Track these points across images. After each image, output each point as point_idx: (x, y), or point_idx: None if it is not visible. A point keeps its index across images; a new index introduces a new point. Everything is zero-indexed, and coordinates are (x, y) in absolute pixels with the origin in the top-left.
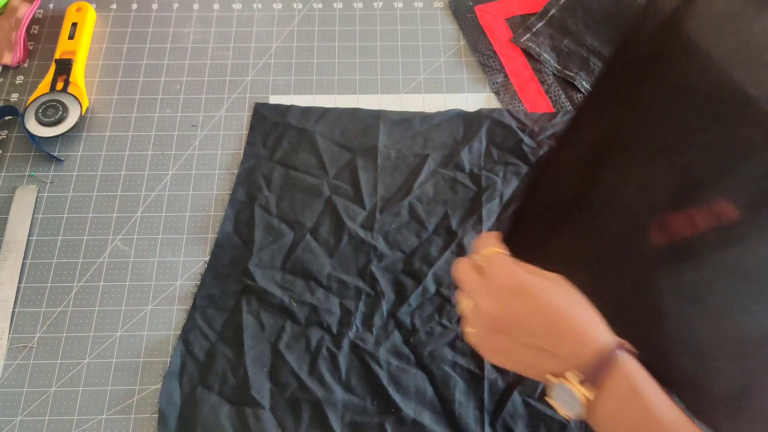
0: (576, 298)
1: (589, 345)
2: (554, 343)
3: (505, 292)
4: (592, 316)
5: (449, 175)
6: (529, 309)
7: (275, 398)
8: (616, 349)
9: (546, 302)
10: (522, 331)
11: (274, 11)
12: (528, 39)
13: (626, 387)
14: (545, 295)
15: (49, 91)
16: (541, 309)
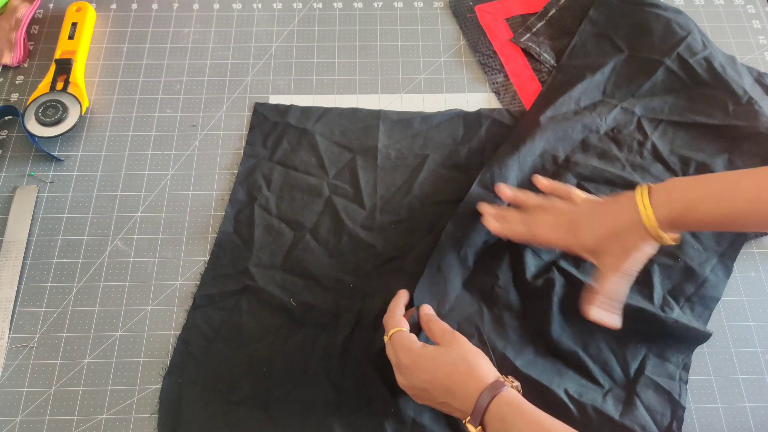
0: (461, 355)
1: (473, 397)
2: (451, 399)
3: (408, 369)
4: (477, 367)
5: (449, 175)
6: (428, 378)
7: (275, 398)
8: (490, 395)
9: (438, 371)
10: (429, 395)
11: (274, 11)
12: (528, 39)
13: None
14: (436, 365)
15: (49, 91)
16: (435, 378)
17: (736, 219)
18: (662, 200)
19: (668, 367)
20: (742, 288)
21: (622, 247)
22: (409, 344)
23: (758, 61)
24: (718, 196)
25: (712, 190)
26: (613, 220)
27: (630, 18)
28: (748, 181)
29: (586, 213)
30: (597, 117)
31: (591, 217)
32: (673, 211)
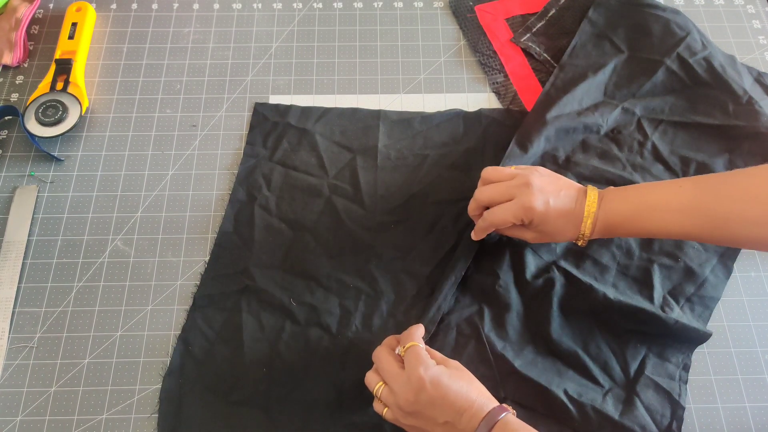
0: (469, 380)
1: (480, 415)
2: (457, 419)
3: (420, 383)
4: (481, 392)
5: (449, 175)
6: (439, 395)
7: (275, 398)
8: (497, 413)
9: (450, 389)
10: (432, 412)
11: (274, 11)
12: (528, 39)
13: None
14: (449, 383)
15: (49, 91)
16: (448, 394)
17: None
18: (601, 216)
19: (668, 367)
20: (742, 288)
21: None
22: (425, 359)
23: (758, 61)
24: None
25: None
26: (565, 209)
27: (629, 19)
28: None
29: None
30: (599, 117)
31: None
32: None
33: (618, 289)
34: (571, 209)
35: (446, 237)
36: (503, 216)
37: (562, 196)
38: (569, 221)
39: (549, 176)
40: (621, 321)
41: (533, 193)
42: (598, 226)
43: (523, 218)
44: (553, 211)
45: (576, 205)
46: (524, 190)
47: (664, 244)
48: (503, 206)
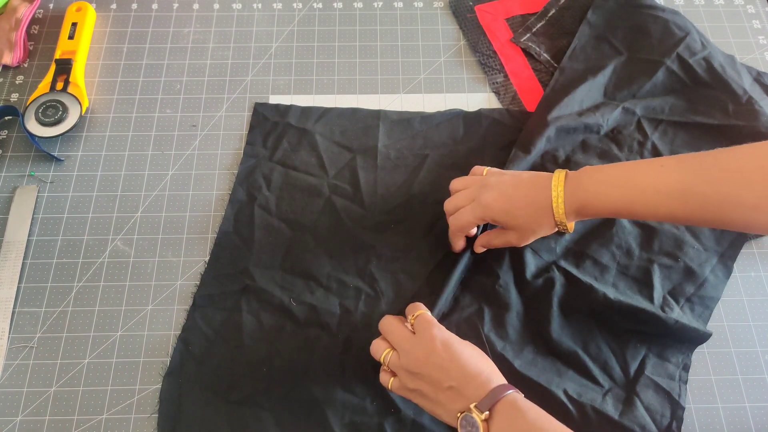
0: (481, 353)
1: (487, 386)
2: (464, 385)
3: (431, 344)
4: (491, 366)
5: (449, 175)
6: (448, 357)
7: (275, 398)
8: (506, 389)
9: (461, 353)
10: (440, 375)
11: (274, 11)
12: (528, 39)
13: (511, 408)
14: (461, 348)
15: (49, 91)
16: (458, 358)
17: (632, 208)
18: (572, 189)
19: (668, 367)
20: (742, 288)
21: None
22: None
23: (758, 61)
24: (617, 185)
25: (612, 179)
26: (528, 199)
27: (627, 20)
28: (644, 169)
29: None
30: (600, 117)
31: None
32: (579, 201)
33: (618, 289)
34: (535, 196)
35: (446, 237)
36: (465, 218)
37: (524, 186)
38: (538, 210)
39: (511, 174)
40: (621, 321)
41: (489, 191)
42: (574, 207)
43: (482, 216)
44: (516, 203)
45: (540, 191)
46: (482, 191)
47: (664, 244)
48: (464, 209)
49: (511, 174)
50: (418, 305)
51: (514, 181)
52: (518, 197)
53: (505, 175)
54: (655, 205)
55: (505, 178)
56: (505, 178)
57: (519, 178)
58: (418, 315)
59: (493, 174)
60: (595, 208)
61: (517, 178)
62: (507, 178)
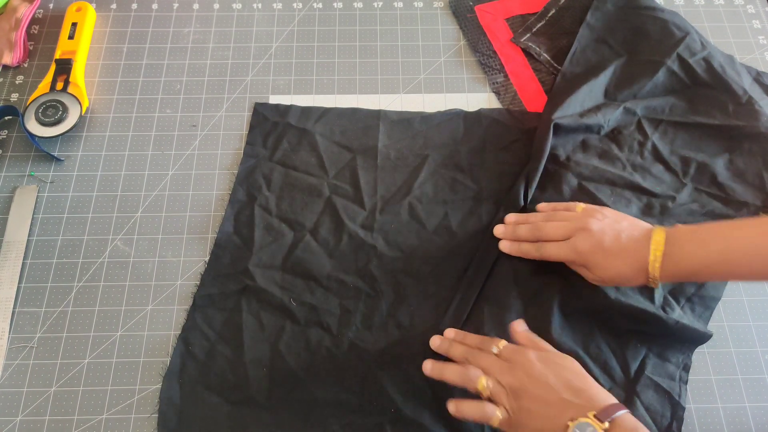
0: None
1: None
2: (576, 394)
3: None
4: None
5: (449, 175)
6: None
7: (275, 398)
8: (620, 407)
9: (564, 368)
10: (547, 391)
11: (274, 11)
12: (528, 39)
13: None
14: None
15: (49, 91)
16: (562, 373)
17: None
18: (670, 250)
19: (668, 368)
20: (742, 288)
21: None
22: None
23: (758, 61)
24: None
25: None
26: (625, 255)
27: (626, 22)
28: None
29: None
30: (601, 118)
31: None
32: (676, 263)
33: (619, 290)
34: (633, 254)
35: (446, 237)
36: (554, 253)
37: (622, 240)
38: (630, 265)
39: (612, 219)
40: (621, 321)
41: (586, 237)
42: (671, 270)
43: (573, 259)
44: (611, 256)
45: (638, 250)
46: (578, 234)
47: None
48: (558, 245)
49: (609, 222)
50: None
51: (613, 232)
52: (614, 251)
53: (607, 220)
54: (752, 262)
55: (606, 225)
56: (607, 224)
57: (617, 229)
58: (504, 343)
59: (589, 214)
60: (688, 269)
61: (616, 229)
62: (608, 225)
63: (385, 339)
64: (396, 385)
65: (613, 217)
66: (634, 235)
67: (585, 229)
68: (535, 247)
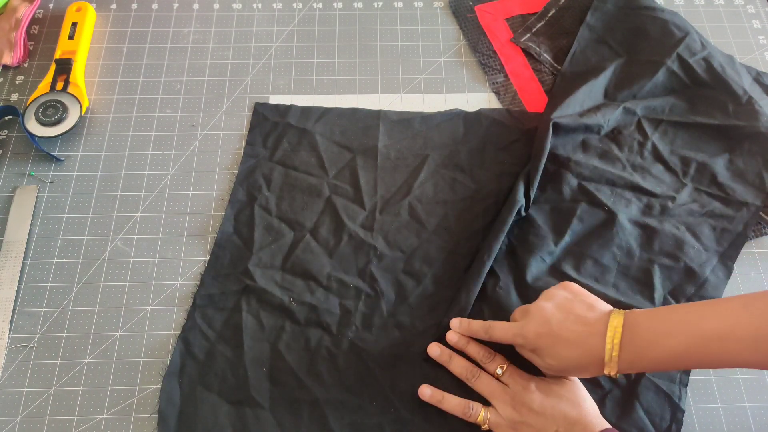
0: (581, 391)
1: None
2: (571, 426)
3: (531, 393)
4: (593, 406)
5: (449, 175)
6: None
7: (275, 398)
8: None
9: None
10: (545, 422)
11: (274, 11)
12: (528, 39)
13: None
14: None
15: (49, 91)
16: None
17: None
18: (628, 339)
19: None
20: (742, 288)
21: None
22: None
23: (758, 61)
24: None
25: (671, 327)
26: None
27: (626, 22)
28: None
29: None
30: (601, 118)
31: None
32: (634, 353)
33: (619, 290)
34: (586, 342)
35: (446, 237)
36: (503, 334)
37: (572, 325)
38: (587, 357)
39: (567, 298)
40: None
41: (536, 319)
42: (629, 359)
43: (522, 344)
44: (561, 342)
45: (592, 337)
46: (530, 315)
47: (664, 244)
48: (506, 325)
49: (563, 302)
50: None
51: (564, 314)
52: (565, 337)
53: (556, 300)
54: (720, 352)
55: (555, 306)
56: (556, 305)
57: (570, 309)
58: (507, 368)
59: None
60: (651, 360)
61: (568, 310)
62: (558, 306)
63: (385, 339)
64: (396, 385)
65: (569, 296)
66: (586, 317)
67: (537, 308)
68: (483, 327)
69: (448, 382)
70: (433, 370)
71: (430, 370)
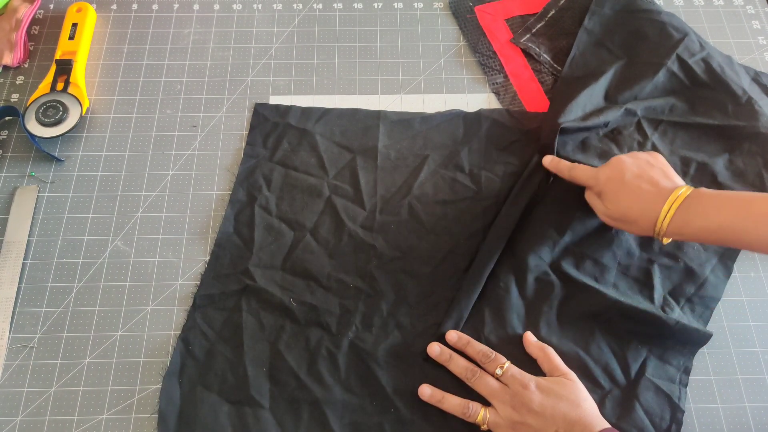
0: (580, 391)
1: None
2: (571, 427)
3: (530, 394)
4: (592, 406)
5: (449, 175)
6: (550, 405)
7: (275, 398)
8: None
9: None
10: (544, 423)
11: (274, 12)
12: (528, 39)
13: None
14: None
15: (49, 92)
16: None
17: (739, 235)
18: (686, 205)
19: (669, 370)
20: (742, 288)
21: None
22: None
23: (758, 62)
24: (729, 209)
25: (726, 203)
26: (635, 197)
27: (625, 25)
28: (762, 198)
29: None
30: (603, 120)
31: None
32: (685, 218)
33: (618, 290)
34: (648, 196)
35: (446, 237)
36: (582, 174)
37: (646, 180)
38: (641, 208)
39: (649, 161)
40: (622, 322)
41: (612, 166)
42: (679, 225)
43: (593, 185)
44: (625, 190)
45: (657, 193)
46: (609, 162)
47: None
48: (585, 167)
49: (642, 162)
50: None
51: (639, 170)
52: (632, 187)
53: (639, 159)
54: (758, 229)
55: (633, 162)
56: (635, 162)
57: (645, 169)
58: (507, 367)
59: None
60: (698, 228)
61: (643, 169)
62: (636, 163)
63: (385, 339)
64: (396, 385)
65: (652, 161)
66: (659, 181)
67: (617, 159)
68: (568, 166)
69: (448, 382)
70: (433, 370)
71: (430, 370)
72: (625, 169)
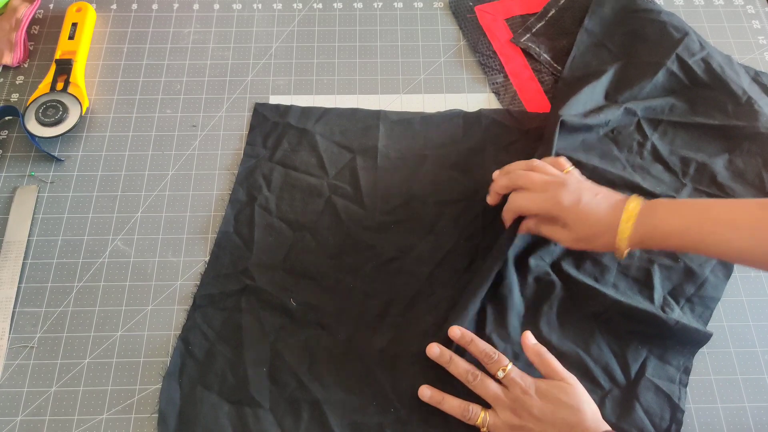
0: (581, 395)
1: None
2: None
3: (530, 398)
4: (593, 410)
5: (449, 175)
6: (549, 409)
7: (275, 398)
8: None
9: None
10: (544, 426)
11: (274, 11)
12: (528, 39)
13: None
14: (559, 397)
15: (49, 92)
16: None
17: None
18: (644, 215)
19: (669, 370)
20: (742, 288)
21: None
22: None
23: (758, 62)
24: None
25: (685, 210)
26: (600, 212)
27: (624, 25)
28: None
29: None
30: (602, 118)
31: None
32: (647, 228)
33: (618, 290)
34: (607, 212)
35: (446, 237)
36: (527, 204)
37: (600, 199)
38: (605, 226)
39: (591, 184)
40: (622, 322)
41: (567, 191)
42: (640, 233)
43: (548, 210)
44: (587, 212)
45: (614, 209)
46: (559, 188)
47: None
48: (536, 195)
49: (590, 184)
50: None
51: (593, 191)
52: (591, 207)
53: (585, 182)
54: (727, 239)
55: (584, 186)
56: (585, 185)
57: (597, 190)
58: (509, 370)
59: (574, 176)
60: (661, 237)
61: (596, 190)
62: (587, 186)
63: (385, 339)
64: (396, 385)
65: (592, 183)
66: (612, 197)
67: (565, 184)
68: (510, 198)
69: (448, 383)
70: (433, 371)
71: (430, 370)
72: (580, 193)
